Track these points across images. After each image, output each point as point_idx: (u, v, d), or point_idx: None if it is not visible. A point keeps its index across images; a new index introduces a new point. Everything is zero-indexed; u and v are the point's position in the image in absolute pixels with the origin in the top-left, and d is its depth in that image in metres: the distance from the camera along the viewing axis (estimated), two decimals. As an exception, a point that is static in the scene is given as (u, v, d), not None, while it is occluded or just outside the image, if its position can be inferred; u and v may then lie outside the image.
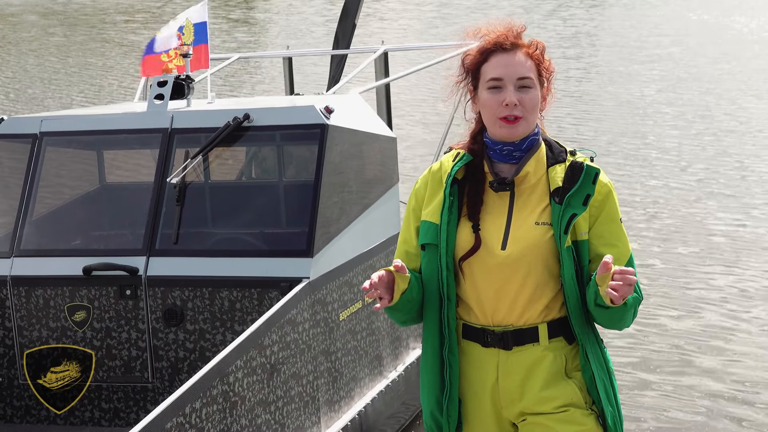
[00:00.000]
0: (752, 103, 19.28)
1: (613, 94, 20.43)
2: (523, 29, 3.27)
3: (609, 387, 3.23)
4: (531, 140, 3.22)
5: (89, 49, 29.44)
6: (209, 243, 5.44)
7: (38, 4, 41.15)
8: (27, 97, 22.10)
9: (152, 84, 5.65)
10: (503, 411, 3.26)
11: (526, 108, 3.17)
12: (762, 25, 30.41)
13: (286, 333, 4.74)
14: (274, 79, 21.93)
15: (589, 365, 3.20)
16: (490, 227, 3.20)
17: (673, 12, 33.65)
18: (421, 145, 15.55)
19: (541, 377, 3.20)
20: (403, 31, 31.14)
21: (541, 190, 3.21)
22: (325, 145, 5.21)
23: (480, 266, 3.20)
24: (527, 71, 3.19)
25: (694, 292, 9.40)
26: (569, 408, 3.20)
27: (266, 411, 4.61)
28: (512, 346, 3.21)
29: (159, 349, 5.32)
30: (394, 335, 6.05)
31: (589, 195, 3.17)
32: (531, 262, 3.16)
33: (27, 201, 5.53)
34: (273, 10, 38.23)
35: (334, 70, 7.78)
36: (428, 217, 3.26)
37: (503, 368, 3.23)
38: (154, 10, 38.11)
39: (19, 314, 5.45)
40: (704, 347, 8.11)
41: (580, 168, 3.19)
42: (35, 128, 5.65)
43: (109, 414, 5.43)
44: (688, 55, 25.21)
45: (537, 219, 3.18)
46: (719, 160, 14.78)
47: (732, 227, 11.45)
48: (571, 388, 3.21)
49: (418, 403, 6.41)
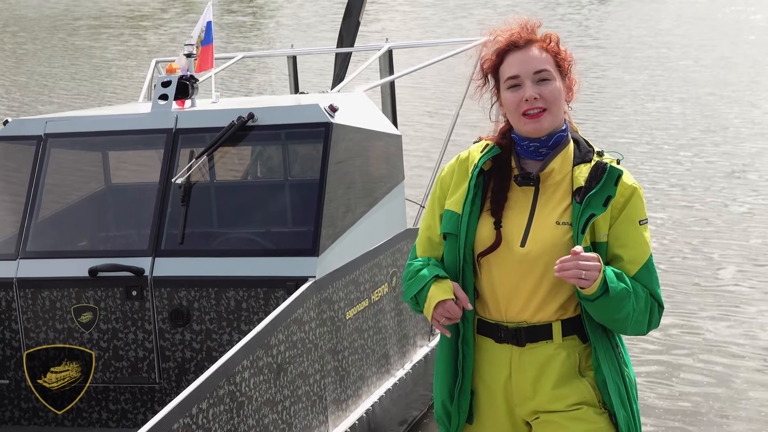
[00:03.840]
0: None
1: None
2: (537, 25, 3.26)
3: (623, 390, 3.20)
4: (558, 137, 3.21)
5: (91, 51, 29.46)
6: (215, 243, 5.43)
7: (42, 6, 41.21)
8: (31, 98, 22.12)
9: (156, 84, 5.64)
10: (516, 409, 3.25)
11: (547, 100, 3.17)
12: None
13: (292, 332, 4.73)
14: (279, 78, 21.95)
15: (601, 368, 3.18)
16: (512, 223, 3.20)
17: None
18: (427, 143, 15.53)
19: (553, 375, 3.19)
20: (407, 28, 31.11)
21: (564, 188, 3.20)
22: (330, 143, 5.20)
23: (498, 261, 3.20)
24: (543, 63, 3.18)
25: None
26: (582, 406, 3.18)
27: (273, 411, 4.60)
28: (525, 342, 3.21)
29: (165, 349, 5.32)
30: (401, 333, 6.04)
31: (610, 196, 3.14)
32: (549, 261, 3.14)
33: (32, 203, 5.53)
34: (277, 8, 38.23)
35: (339, 69, 7.77)
36: (451, 206, 3.27)
37: (516, 365, 3.22)
38: (159, 13, 38.13)
39: (25, 316, 5.45)
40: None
41: (604, 169, 3.16)
42: (40, 130, 5.65)
43: (117, 415, 5.43)
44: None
45: (558, 218, 3.17)
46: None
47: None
48: (584, 385, 3.19)
49: (425, 400, 6.40)
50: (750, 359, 7.75)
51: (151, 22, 35.29)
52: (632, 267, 3.16)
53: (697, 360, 7.78)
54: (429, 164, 13.28)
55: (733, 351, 7.91)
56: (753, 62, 23.09)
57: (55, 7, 40.70)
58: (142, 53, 28.32)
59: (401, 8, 35.90)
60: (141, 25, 34.77)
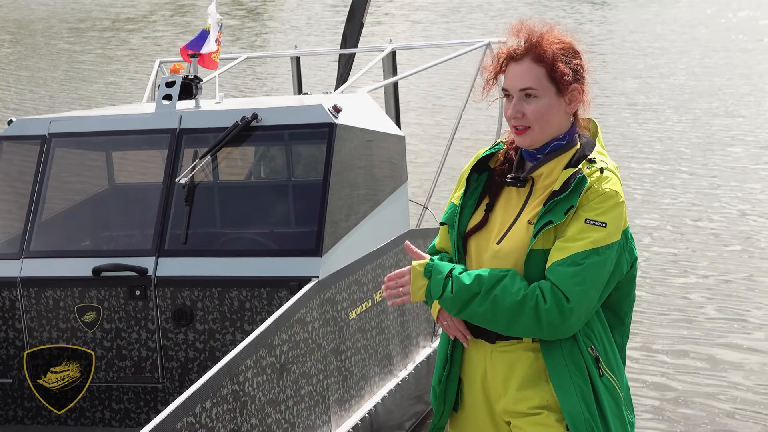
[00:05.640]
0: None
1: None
2: (543, 32, 3.23)
3: (589, 395, 3.15)
4: (554, 145, 3.24)
5: (95, 54, 29.47)
6: (218, 243, 5.44)
7: (47, 9, 41.23)
8: (35, 99, 22.14)
9: (160, 84, 5.65)
10: (495, 405, 3.30)
11: (529, 119, 3.20)
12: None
13: (295, 332, 4.74)
14: (283, 78, 21.94)
15: (555, 369, 3.15)
16: (501, 219, 3.26)
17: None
18: (430, 144, 15.53)
19: (520, 376, 3.22)
20: (411, 29, 31.10)
21: (551, 191, 3.22)
22: (334, 144, 5.21)
23: (477, 254, 3.27)
24: (529, 81, 3.19)
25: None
26: (543, 411, 3.19)
27: (276, 410, 4.61)
28: (496, 339, 3.26)
29: (169, 349, 5.32)
30: (404, 334, 6.04)
31: (573, 206, 3.13)
32: (518, 258, 3.18)
33: (36, 202, 5.54)
34: (281, 9, 38.23)
35: (342, 69, 7.78)
36: (455, 199, 3.39)
37: (489, 361, 3.28)
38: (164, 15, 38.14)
39: (29, 315, 5.46)
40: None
41: (574, 177, 3.16)
42: (44, 129, 5.65)
43: (120, 414, 5.44)
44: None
45: (531, 218, 3.21)
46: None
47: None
48: (548, 389, 3.20)
49: (428, 400, 6.40)
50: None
51: (136, 25, 35.29)
52: (556, 254, 3.11)
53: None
54: (432, 165, 13.28)
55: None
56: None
57: (56, 9, 40.71)
58: (139, 55, 28.33)
59: (405, 9, 35.89)
60: (126, 28, 34.74)
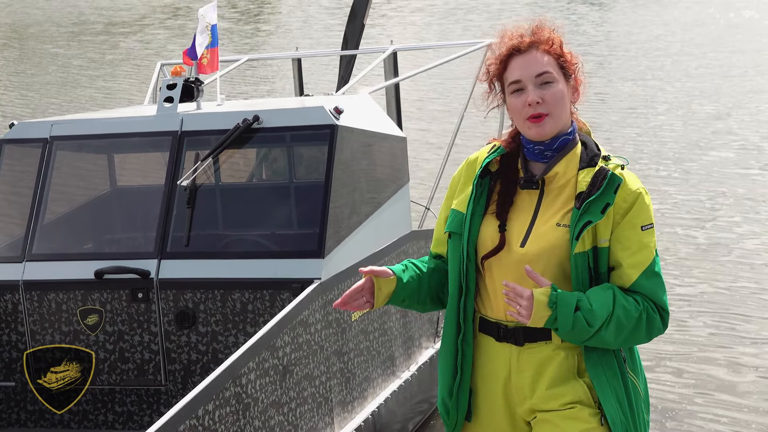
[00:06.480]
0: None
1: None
2: (542, 27, 3.27)
3: (622, 395, 3.18)
4: (563, 140, 3.22)
5: (96, 56, 29.48)
6: (220, 245, 5.44)
7: (50, 12, 41.26)
8: (36, 101, 22.15)
9: (162, 87, 5.65)
10: (517, 408, 3.27)
11: (549, 103, 3.18)
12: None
13: (298, 334, 4.74)
14: (284, 80, 21.94)
15: (593, 370, 3.18)
16: (515, 225, 3.22)
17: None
18: (431, 145, 15.53)
19: (550, 375, 3.20)
20: (412, 30, 31.10)
21: (569, 192, 3.21)
22: (335, 145, 5.21)
23: (498, 261, 3.22)
24: (545, 66, 3.20)
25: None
26: (576, 405, 3.18)
27: (279, 412, 4.61)
28: (524, 342, 3.22)
29: (171, 351, 5.33)
30: (406, 335, 6.04)
31: (609, 204, 3.14)
32: (547, 262, 3.16)
33: (38, 205, 5.54)
34: (281, 11, 38.23)
35: (344, 71, 7.78)
36: (457, 206, 3.33)
37: (515, 364, 3.24)
38: (167, 16, 38.16)
39: (31, 318, 5.46)
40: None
41: (605, 175, 3.16)
42: (45, 133, 5.66)
43: (123, 417, 5.44)
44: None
45: (559, 220, 3.18)
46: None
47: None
48: (580, 386, 3.19)
49: (431, 401, 6.40)
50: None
51: (130, 28, 35.31)
52: (633, 272, 3.15)
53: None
54: (434, 166, 13.27)
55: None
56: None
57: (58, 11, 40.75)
58: (138, 57, 28.34)
59: (406, 11, 35.89)
60: (120, 31, 34.75)
